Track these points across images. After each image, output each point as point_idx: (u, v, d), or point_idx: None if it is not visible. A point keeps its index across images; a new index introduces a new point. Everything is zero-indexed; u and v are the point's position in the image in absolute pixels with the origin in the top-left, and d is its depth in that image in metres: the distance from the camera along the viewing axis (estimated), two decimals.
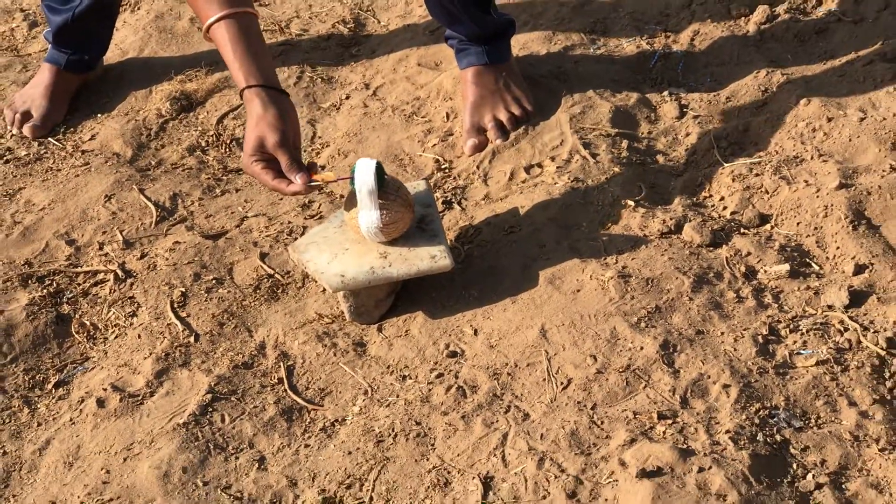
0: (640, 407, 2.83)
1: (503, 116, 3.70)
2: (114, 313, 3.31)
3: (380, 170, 3.05)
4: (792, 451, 2.73)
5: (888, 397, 2.84)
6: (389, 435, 2.88)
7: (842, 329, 3.00)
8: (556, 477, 2.70)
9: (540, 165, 3.60)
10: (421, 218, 3.22)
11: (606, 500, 2.65)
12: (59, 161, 3.89)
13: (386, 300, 3.20)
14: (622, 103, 3.79)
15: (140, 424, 2.97)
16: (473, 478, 2.75)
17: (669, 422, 2.79)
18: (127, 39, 4.38)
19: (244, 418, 2.97)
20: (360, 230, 3.11)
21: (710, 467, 2.65)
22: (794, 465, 2.70)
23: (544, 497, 2.67)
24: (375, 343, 3.15)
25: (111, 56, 4.33)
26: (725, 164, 3.53)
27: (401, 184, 3.16)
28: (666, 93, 3.86)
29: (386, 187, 3.07)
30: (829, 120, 3.58)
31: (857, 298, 3.08)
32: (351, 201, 3.12)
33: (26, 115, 3.98)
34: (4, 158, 3.92)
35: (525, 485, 2.71)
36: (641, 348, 2.95)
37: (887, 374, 2.89)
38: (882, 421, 2.78)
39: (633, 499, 2.62)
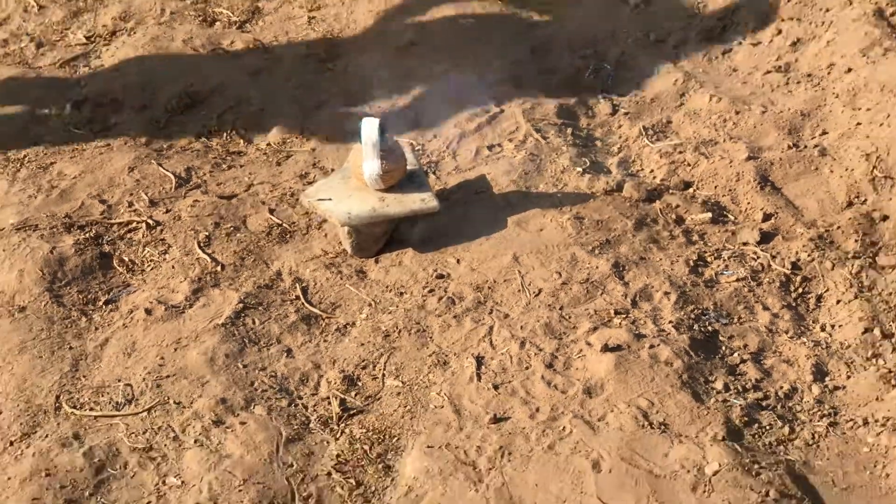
0: (599, 307, 3.52)
1: None
2: (148, 252, 3.91)
3: (382, 127, 3.74)
4: (721, 338, 3.44)
5: (793, 304, 3.57)
6: (394, 331, 3.53)
7: (755, 257, 3.73)
8: (535, 354, 3.37)
9: (500, 145, 4.31)
10: (410, 174, 3.89)
11: (577, 368, 3.32)
12: (84, 143, 4.51)
13: (381, 238, 3.86)
14: (564, 102, 4.54)
15: (185, 325, 3.57)
16: (467, 357, 3.40)
17: (623, 316, 3.48)
18: (129, 55, 5.02)
19: (271, 322, 3.59)
20: (363, 177, 3.78)
21: (659, 344, 3.34)
22: (723, 347, 3.40)
23: (527, 368, 3.33)
24: (374, 270, 3.80)
25: (113, 68, 4.97)
26: (653, 146, 4.28)
27: (396, 141, 3.85)
28: (600, 96, 4.62)
29: (386, 142, 3.76)
30: (737, 113, 4.36)
31: (766, 237, 3.82)
32: (357, 155, 3.80)
33: None
34: (35, 140, 4.52)
35: (511, 360, 3.37)
36: (597, 267, 3.64)
37: (792, 289, 3.62)
38: (789, 320, 3.50)
39: (599, 366, 3.29)
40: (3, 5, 5.40)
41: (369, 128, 3.72)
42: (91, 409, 3.30)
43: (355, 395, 3.34)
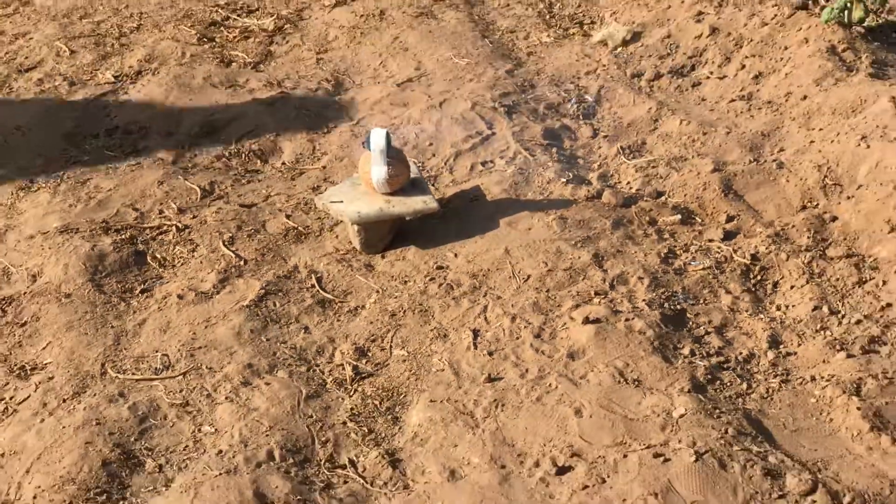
0: (581, 289, 3.99)
1: None
2: (178, 250, 4.38)
3: (388, 136, 4.24)
4: (688, 315, 3.90)
5: (752, 289, 4.04)
6: (400, 312, 3.99)
7: (719, 251, 4.22)
8: (525, 327, 3.83)
9: (492, 162, 4.81)
10: (413, 181, 4.38)
11: (562, 338, 3.78)
12: (116, 162, 5.01)
13: (388, 236, 4.34)
14: (550, 127, 5.05)
15: (214, 307, 4.04)
16: (465, 331, 3.86)
17: (602, 297, 3.95)
18: (154, 91, 5.54)
19: (290, 304, 4.05)
20: (371, 181, 4.27)
21: (634, 318, 3.81)
22: (690, 322, 3.87)
23: (518, 338, 3.79)
24: (381, 264, 4.27)
25: (140, 101, 5.48)
26: (630, 162, 4.79)
27: (401, 150, 4.34)
28: (582, 122, 5.14)
29: (392, 149, 4.25)
30: (705, 134, 4.88)
31: (729, 235, 4.30)
32: (365, 162, 4.29)
33: None
34: (72, 161, 5.02)
35: (503, 332, 3.83)
36: (579, 258, 4.12)
37: (751, 276, 4.09)
38: (749, 301, 3.97)
39: (581, 335, 3.75)
40: (36, 50, 5.91)
41: (378, 137, 4.22)
42: (133, 374, 3.75)
43: (366, 362, 3.80)
